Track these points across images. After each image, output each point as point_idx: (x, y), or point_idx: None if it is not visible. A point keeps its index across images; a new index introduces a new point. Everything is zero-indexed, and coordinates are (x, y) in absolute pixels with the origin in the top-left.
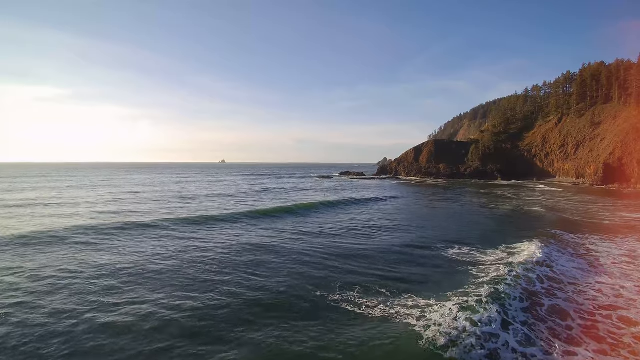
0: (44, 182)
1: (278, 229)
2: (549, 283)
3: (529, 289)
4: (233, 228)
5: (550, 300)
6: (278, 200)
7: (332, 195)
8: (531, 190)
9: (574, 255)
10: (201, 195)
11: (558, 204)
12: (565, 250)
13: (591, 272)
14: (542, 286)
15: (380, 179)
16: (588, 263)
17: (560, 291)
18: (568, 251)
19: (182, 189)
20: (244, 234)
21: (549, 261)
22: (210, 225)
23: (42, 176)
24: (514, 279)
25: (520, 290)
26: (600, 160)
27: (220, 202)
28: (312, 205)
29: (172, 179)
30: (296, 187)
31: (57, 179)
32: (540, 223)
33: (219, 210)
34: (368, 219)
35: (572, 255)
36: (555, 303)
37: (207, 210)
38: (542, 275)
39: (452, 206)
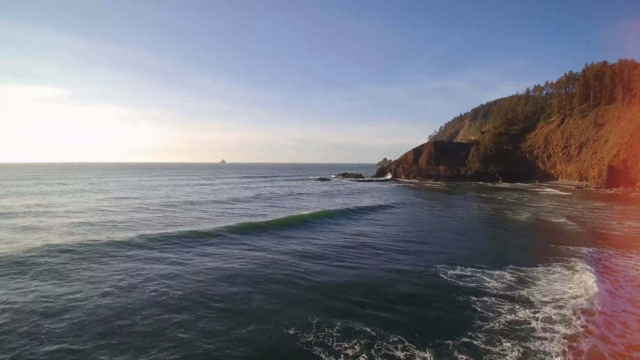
0: (33, 186)
1: (260, 248)
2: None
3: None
4: (211, 247)
5: None
6: (269, 207)
7: (327, 201)
8: (534, 194)
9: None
10: (188, 202)
11: (564, 211)
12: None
13: None
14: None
15: (378, 182)
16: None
17: None
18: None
19: (172, 193)
20: (221, 255)
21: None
22: (187, 243)
23: (34, 179)
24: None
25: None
26: (604, 162)
27: (207, 210)
28: (302, 218)
29: (165, 182)
30: (291, 191)
31: (48, 182)
32: (549, 236)
33: (201, 224)
34: (361, 233)
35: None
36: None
37: (188, 223)
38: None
39: (453, 215)
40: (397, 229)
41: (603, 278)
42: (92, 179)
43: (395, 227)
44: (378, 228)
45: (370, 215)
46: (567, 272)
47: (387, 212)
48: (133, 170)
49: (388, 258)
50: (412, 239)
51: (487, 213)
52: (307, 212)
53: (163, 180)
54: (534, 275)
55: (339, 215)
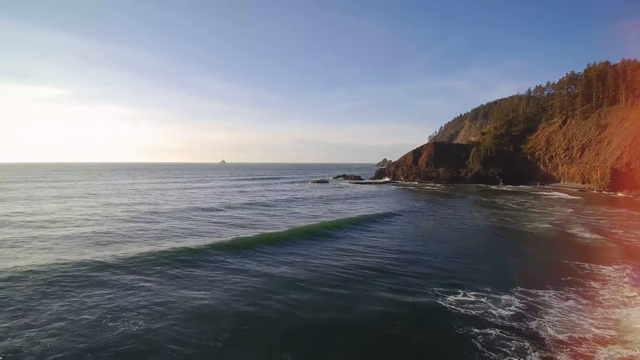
0: (20, 190)
1: (241, 270)
2: None
3: None
4: (188, 268)
5: None
6: (260, 216)
7: (321, 208)
8: (537, 198)
9: None
10: (177, 210)
11: (570, 219)
12: None
13: None
14: None
15: (377, 184)
16: None
17: None
18: None
19: (162, 199)
20: (195, 281)
21: None
22: (163, 264)
23: (27, 181)
24: None
25: None
26: (607, 164)
27: (193, 220)
28: (292, 233)
29: (159, 185)
30: (286, 196)
31: (39, 185)
32: (560, 249)
33: (183, 239)
34: (354, 250)
35: None
36: None
37: (169, 237)
38: None
39: (454, 224)
40: (392, 243)
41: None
42: (84, 181)
43: (391, 240)
44: (372, 242)
45: (364, 228)
46: (585, 301)
47: (382, 222)
48: (130, 171)
49: (382, 282)
50: (409, 255)
51: (490, 221)
52: (299, 226)
53: (157, 183)
54: (545, 301)
55: (331, 229)
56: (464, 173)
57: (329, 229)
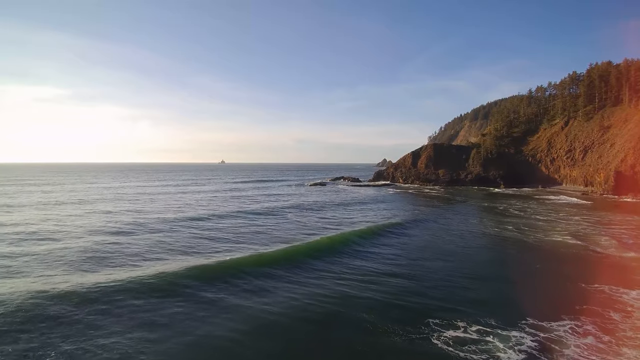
0: (9, 195)
1: (205, 308)
2: None
3: None
4: (145, 306)
5: None
6: (247, 226)
7: (312, 218)
8: (541, 203)
9: None
10: (158, 221)
11: (579, 228)
12: None
13: None
14: None
15: (375, 187)
16: None
17: None
18: None
19: (148, 205)
20: (140, 324)
21: None
22: (115, 299)
23: (17, 183)
24: None
25: None
26: (610, 167)
27: (173, 234)
28: (272, 257)
29: (149, 190)
30: (279, 203)
31: (29, 188)
32: (575, 268)
33: (152, 261)
34: (340, 276)
35: None
36: None
37: (137, 259)
38: None
39: (453, 235)
40: (384, 262)
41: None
42: (76, 184)
43: (382, 258)
44: (361, 262)
45: (355, 247)
46: (606, 337)
47: (374, 240)
48: (127, 172)
49: (369, 314)
50: (402, 276)
51: (493, 231)
52: (281, 247)
53: (149, 187)
54: (560, 337)
55: (319, 250)
56: (464, 175)
57: (314, 252)
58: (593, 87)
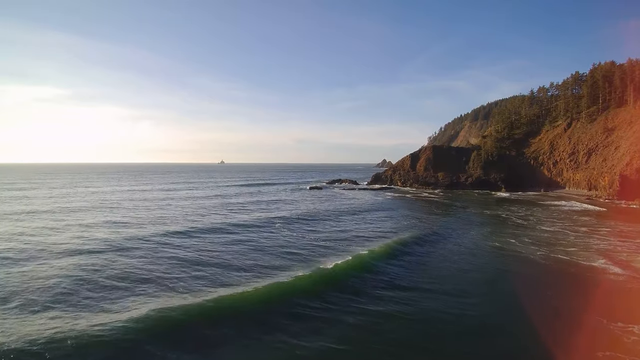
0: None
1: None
2: None
3: None
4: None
5: None
6: (224, 247)
7: (298, 232)
8: (545, 209)
9: None
10: (133, 238)
11: (590, 241)
12: None
13: None
14: None
15: (373, 190)
16: None
17: None
18: None
19: (127, 215)
20: None
21: None
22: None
23: (5, 188)
24: None
25: None
26: (615, 170)
27: (140, 259)
28: (239, 300)
29: (136, 195)
30: (269, 212)
31: (15, 192)
32: (587, 297)
33: (109, 306)
34: (319, 326)
35: None
36: None
37: (95, 297)
38: None
39: (452, 254)
40: (373, 294)
41: None
42: (64, 188)
43: (372, 290)
44: (347, 296)
45: (338, 285)
46: None
47: (368, 272)
48: (122, 173)
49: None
50: (393, 315)
51: (495, 247)
52: (255, 287)
53: (137, 191)
54: None
55: (297, 289)
56: (464, 178)
57: (293, 290)
58: (596, 87)
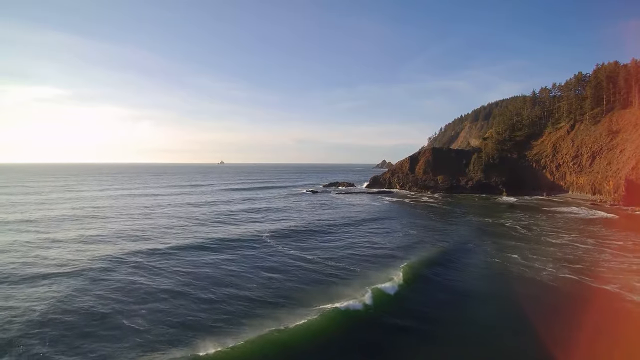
0: None
1: None
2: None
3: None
4: None
5: None
6: (204, 265)
7: (283, 252)
8: (550, 217)
9: None
10: (87, 262)
11: (602, 257)
12: None
13: None
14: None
15: (371, 194)
16: None
17: None
18: None
19: (102, 228)
20: None
21: None
22: None
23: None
24: None
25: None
26: (620, 175)
27: (100, 283)
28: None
29: (121, 201)
30: (254, 227)
31: (5, 195)
32: (614, 335)
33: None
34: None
35: None
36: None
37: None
38: None
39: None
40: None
41: None
42: (49, 193)
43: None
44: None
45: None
46: None
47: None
48: (118, 175)
49: None
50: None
51: (498, 265)
52: (246, 339)
53: (123, 197)
54: None
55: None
56: (464, 182)
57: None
58: (600, 88)
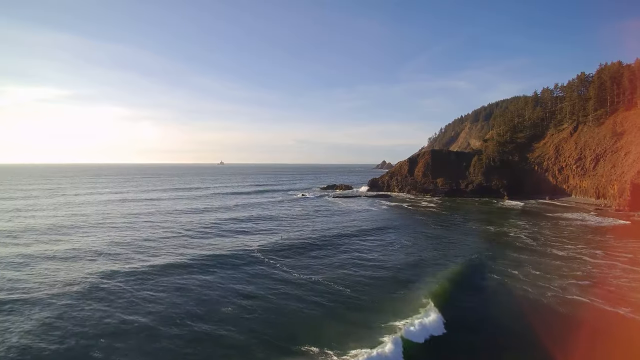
0: None
1: None
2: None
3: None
4: None
5: None
6: (180, 292)
7: (277, 267)
8: (554, 224)
9: None
10: (56, 287)
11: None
12: None
13: None
14: None
15: (368, 198)
16: None
17: None
18: None
19: (81, 237)
20: None
21: None
22: None
23: None
24: None
25: None
26: (625, 178)
27: (46, 311)
28: None
29: (109, 206)
30: (245, 241)
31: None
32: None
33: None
34: None
35: None
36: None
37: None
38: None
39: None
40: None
41: None
42: (40, 198)
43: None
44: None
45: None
46: None
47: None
48: (112, 177)
49: None
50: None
51: (499, 283)
52: None
53: (113, 202)
54: None
55: None
56: (464, 185)
57: None
58: (604, 89)
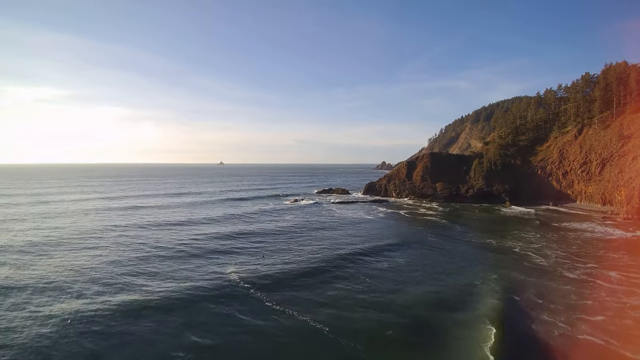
0: None
1: None
2: None
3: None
4: None
5: None
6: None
7: (258, 306)
8: (563, 235)
9: None
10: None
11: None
12: None
13: None
14: None
15: (365, 203)
16: None
17: None
18: None
19: (44, 256)
20: None
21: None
22: None
23: None
24: None
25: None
26: (633, 184)
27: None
28: None
29: (90, 216)
30: (222, 267)
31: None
32: None
33: None
34: None
35: None
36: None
37: None
38: None
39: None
40: None
41: None
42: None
43: None
44: None
45: None
46: None
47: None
48: (106, 179)
49: None
50: None
51: (509, 323)
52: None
53: (97, 211)
54: None
55: None
56: (465, 190)
57: None
58: (610, 90)
